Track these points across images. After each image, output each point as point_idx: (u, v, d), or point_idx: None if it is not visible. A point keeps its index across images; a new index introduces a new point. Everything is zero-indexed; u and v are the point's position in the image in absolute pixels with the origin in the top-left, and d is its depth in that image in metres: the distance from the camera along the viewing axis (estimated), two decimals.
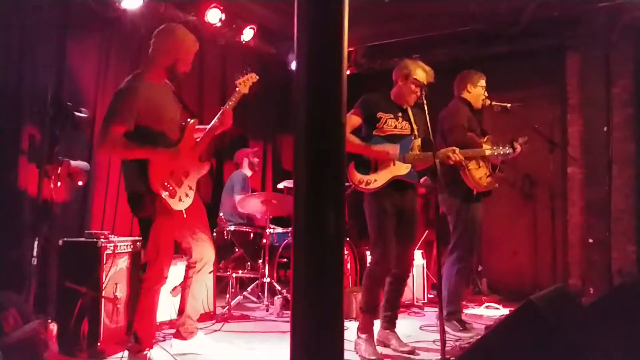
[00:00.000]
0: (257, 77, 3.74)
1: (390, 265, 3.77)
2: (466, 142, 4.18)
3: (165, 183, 3.24)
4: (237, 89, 3.65)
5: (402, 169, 3.78)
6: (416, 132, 3.89)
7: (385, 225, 3.73)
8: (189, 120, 3.46)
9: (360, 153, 3.77)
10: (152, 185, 3.19)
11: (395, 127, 3.84)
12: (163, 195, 3.22)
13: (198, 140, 3.53)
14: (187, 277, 3.64)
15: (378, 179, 3.74)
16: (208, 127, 3.55)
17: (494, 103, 4.49)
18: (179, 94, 3.58)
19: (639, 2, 5.33)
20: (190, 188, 3.41)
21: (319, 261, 1.71)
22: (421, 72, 3.81)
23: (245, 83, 3.67)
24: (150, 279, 3.30)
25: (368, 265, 3.86)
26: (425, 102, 3.53)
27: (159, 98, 3.33)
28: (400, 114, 3.89)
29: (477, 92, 4.48)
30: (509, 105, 4.47)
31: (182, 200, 3.34)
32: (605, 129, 6.10)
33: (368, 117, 3.82)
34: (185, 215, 3.37)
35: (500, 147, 4.12)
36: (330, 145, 1.74)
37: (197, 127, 3.52)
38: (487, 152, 4.10)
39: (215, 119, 3.54)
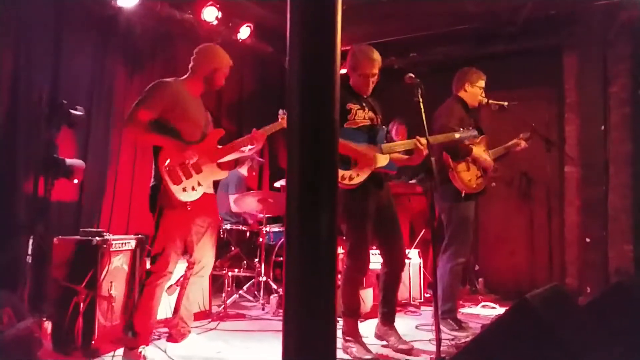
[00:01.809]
0: None
1: (367, 268, 3.77)
2: (456, 144, 4.16)
3: (172, 170, 3.35)
4: (279, 119, 3.77)
5: (381, 160, 3.72)
6: (381, 122, 3.86)
7: (365, 227, 3.68)
8: (214, 129, 3.68)
9: (342, 152, 3.62)
10: (159, 168, 3.32)
11: (364, 118, 3.77)
12: (166, 180, 3.30)
13: (221, 147, 3.65)
14: (185, 278, 3.67)
15: (360, 174, 3.64)
16: (233, 142, 3.68)
17: (491, 101, 4.48)
18: (211, 109, 3.76)
19: (636, 1, 5.31)
20: (200, 184, 3.48)
21: (312, 260, 1.70)
22: (366, 62, 3.78)
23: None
24: (155, 272, 3.35)
25: (345, 269, 3.76)
26: (421, 100, 3.50)
27: (188, 104, 3.52)
28: (364, 104, 3.83)
29: (474, 91, 4.46)
30: (505, 103, 4.46)
31: (187, 191, 3.39)
32: (602, 128, 6.10)
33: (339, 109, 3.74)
34: (189, 208, 3.41)
35: (467, 130, 4.04)
36: (323, 143, 1.73)
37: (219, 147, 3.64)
38: (457, 136, 4.00)
39: (244, 137, 3.70)
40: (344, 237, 3.77)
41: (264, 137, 3.73)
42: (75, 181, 4.37)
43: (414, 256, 5.72)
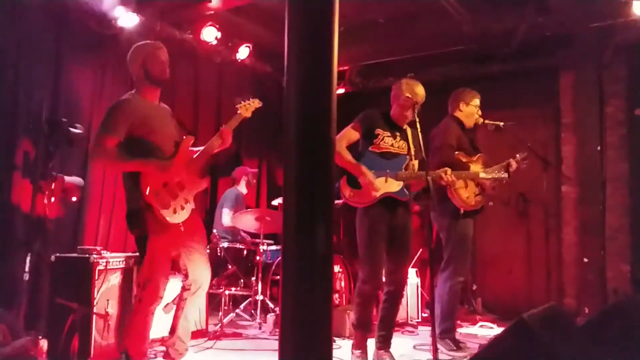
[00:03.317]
0: (261, 103, 3.73)
1: (380, 283, 3.76)
2: (454, 161, 4.18)
3: (158, 194, 3.23)
4: (238, 112, 3.63)
5: (393, 186, 3.77)
6: (412, 153, 3.90)
7: (375, 242, 3.71)
8: (184, 137, 3.49)
9: (349, 170, 3.75)
10: (144, 196, 3.19)
11: (392, 145, 3.84)
12: (155, 206, 3.20)
13: (196, 156, 3.50)
14: (181, 298, 3.57)
15: (369, 195, 3.72)
16: (205, 146, 3.53)
17: (487, 121, 4.50)
18: (175, 113, 3.63)
19: (630, 24, 5.38)
20: (187, 202, 3.39)
21: (308, 279, 1.70)
22: (412, 92, 3.82)
23: (247, 107, 3.67)
24: (145, 298, 3.26)
25: (358, 282, 3.81)
26: (417, 119, 3.54)
27: (153, 114, 3.39)
28: (398, 134, 3.90)
29: (469, 110, 4.49)
30: (502, 123, 4.47)
31: (178, 212, 3.31)
32: (598, 148, 6.13)
33: (366, 132, 3.83)
34: (182, 229, 3.34)
35: (495, 171, 4.12)
36: (320, 162, 1.75)
37: (192, 148, 3.52)
38: (482, 175, 4.10)
39: (214, 137, 3.53)
40: (358, 251, 3.80)
41: (230, 133, 3.56)
42: (74, 199, 4.38)
43: (411, 275, 5.71)
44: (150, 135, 3.31)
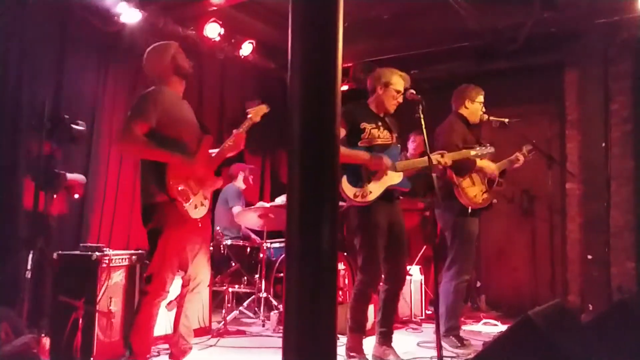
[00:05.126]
0: (268, 108, 3.73)
1: (378, 283, 3.75)
2: (460, 160, 4.15)
3: (182, 188, 3.23)
4: (248, 115, 3.64)
5: (394, 178, 3.73)
6: (396, 140, 3.88)
7: (377, 242, 3.68)
8: (205, 135, 3.52)
9: (355, 162, 3.67)
10: (169, 188, 3.17)
11: (379, 136, 3.79)
12: (179, 199, 3.19)
13: (213, 156, 3.53)
14: (182, 295, 3.54)
15: (373, 191, 3.66)
16: (220, 148, 3.55)
17: (492, 118, 4.49)
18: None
19: (637, 20, 5.35)
20: (205, 198, 3.40)
21: (312, 276, 1.69)
22: (398, 79, 3.82)
23: (257, 112, 3.67)
24: (152, 292, 3.25)
25: (356, 284, 3.76)
26: (422, 116, 3.51)
27: (180, 109, 3.42)
28: (380, 123, 3.85)
29: (474, 107, 4.47)
30: (506, 120, 4.46)
31: (197, 208, 3.31)
32: (603, 145, 6.10)
33: (352, 128, 3.74)
34: (200, 225, 3.36)
35: (482, 147, 4.13)
36: (324, 159, 1.73)
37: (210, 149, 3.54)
38: (472, 153, 4.07)
39: (228, 141, 3.55)
40: (356, 252, 3.77)
41: (244, 136, 3.59)
42: (76, 196, 4.38)
43: (415, 273, 5.70)
44: (176, 131, 3.30)
